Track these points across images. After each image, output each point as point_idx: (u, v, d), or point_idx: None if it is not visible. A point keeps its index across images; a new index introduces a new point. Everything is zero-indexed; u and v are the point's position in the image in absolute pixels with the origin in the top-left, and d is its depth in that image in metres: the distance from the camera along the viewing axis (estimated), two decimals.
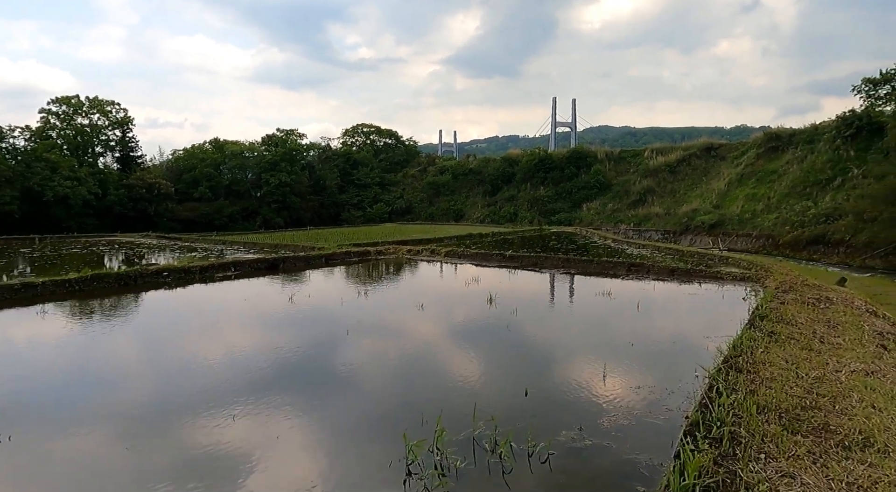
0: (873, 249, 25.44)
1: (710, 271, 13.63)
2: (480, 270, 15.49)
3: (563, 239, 29.96)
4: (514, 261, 16.62)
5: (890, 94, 34.07)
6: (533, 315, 9.78)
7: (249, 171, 51.99)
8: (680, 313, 10.08)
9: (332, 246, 20.45)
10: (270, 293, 12.46)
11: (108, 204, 38.76)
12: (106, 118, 43.06)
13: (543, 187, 51.30)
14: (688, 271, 13.84)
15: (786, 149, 38.93)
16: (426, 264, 17.22)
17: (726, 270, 13.69)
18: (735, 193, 38.94)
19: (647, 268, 14.46)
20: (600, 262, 15.65)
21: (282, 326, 9.03)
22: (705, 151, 46.24)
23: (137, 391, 5.93)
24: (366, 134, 65.72)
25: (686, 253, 20.27)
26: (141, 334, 8.72)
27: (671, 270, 14.05)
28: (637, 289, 12.22)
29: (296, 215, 51.42)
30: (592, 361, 6.72)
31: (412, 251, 19.39)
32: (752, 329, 6.75)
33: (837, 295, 9.38)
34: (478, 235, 30.73)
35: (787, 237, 31.08)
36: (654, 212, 42.77)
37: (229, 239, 27.55)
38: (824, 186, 33.10)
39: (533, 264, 15.98)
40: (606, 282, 13.33)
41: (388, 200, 56.43)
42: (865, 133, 33.21)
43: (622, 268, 14.78)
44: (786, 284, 10.57)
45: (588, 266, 15.43)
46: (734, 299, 10.71)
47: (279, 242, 24.21)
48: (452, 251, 18.64)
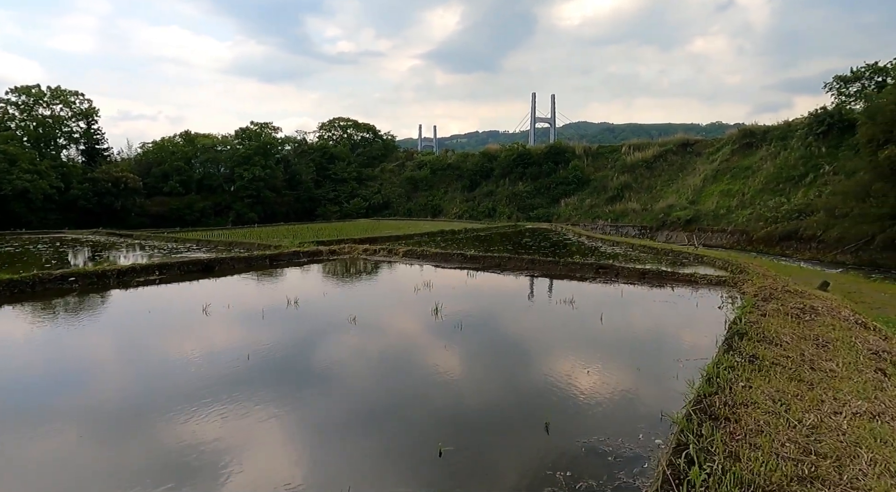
0: (844, 245, 25.78)
1: (683, 274, 12.76)
2: (438, 272, 14.46)
3: (537, 236, 29.55)
4: (476, 262, 15.56)
5: (860, 91, 34.69)
6: (479, 332, 8.30)
7: (222, 165, 50.62)
8: (648, 327, 8.81)
9: (292, 244, 19.27)
10: (185, 302, 10.74)
11: (71, 198, 37.24)
12: (69, 109, 41.37)
13: (522, 183, 51.14)
14: (659, 274, 12.98)
15: (760, 145, 39.37)
16: (380, 266, 15.99)
17: (701, 273, 12.89)
18: (710, 188, 39.27)
19: (617, 270, 13.57)
20: (567, 263, 14.52)
21: (164, 353, 7.17)
22: (681, 147, 46.58)
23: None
24: (343, 128, 64.70)
25: (660, 251, 19.88)
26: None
27: (642, 274, 13.18)
28: (604, 295, 11.48)
29: (270, 211, 50.32)
30: (535, 404, 5.37)
31: (368, 251, 18.27)
32: (731, 353, 5.76)
33: (822, 303, 8.43)
34: (450, 231, 30.14)
35: (761, 233, 31.40)
36: (631, 208, 42.92)
37: (184, 236, 26.05)
38: (797, 182, 33.54)
39: (496, 266, 14.93)
40: (572, 286, 12.39)
41: (366, 196, 55.63)
42: (837, 130, 33.73)
43: (590, 270, 13.89)
44: (765, 290, 9.64)
45: (554, 268, 14.48)
46: (709, 308, 9.85)
47: (238, 239, 23.04)
48: (412, 251, 17.48)
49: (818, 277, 13.57)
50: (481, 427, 4.96)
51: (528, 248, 23.29)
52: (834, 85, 36.08)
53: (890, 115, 24.07)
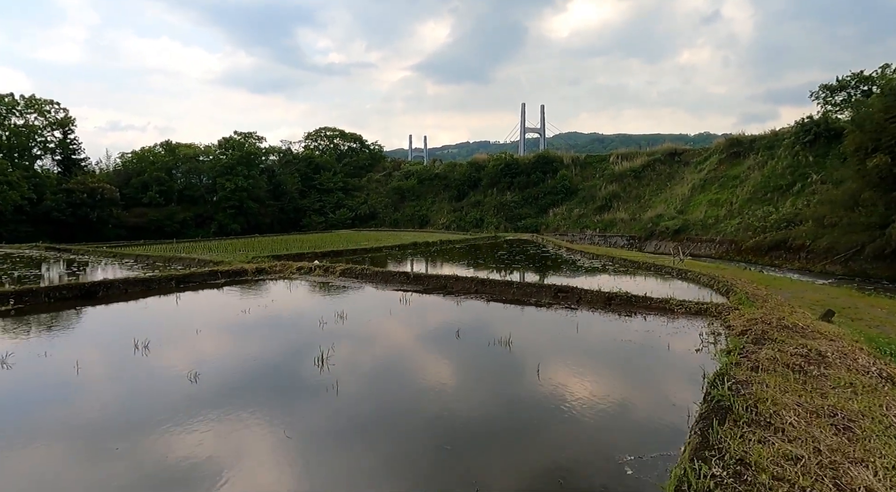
0: (833, 255, 25.31)
1: (657, 301, 10.64)
2: (372, 295, 12.72)
3: (514, 248, 28.62)
4: (419, 283, 13.67)
5: (846, 100, 34.55)
6: (367, 397, 6.07)
7: (204, 175, 49.65)
8: (597, 390, 6.19)
9: (242, 259, 17.97)
10: None
11: (44, 210, 36.09)
12: (44, 118, 40.33)
13: (510, 192, 50.63)
14: (629, 300, 10.91)
15: (747, 154, 39.11)
16: (307, 288, 13.89)
17: (679, 299, 10.57)
18: (698, 198, 38.89)
19: (579, 295, 11.51)
20: (522, 286, 12.50)
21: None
22: (669, 157, 46.31)
23: None
24: (329, 138, 64.01)
25: (642, 265, 18.56)
26: None
27: (608, 299, 11.10)
28: (555, 331, 9.37)
29: (254, 221, 49.39)
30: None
31: (303, 269, 16.20)
32: (708, 457, 3.52)
33: (831, 345, 6.42)
34: (423, 243, 29.15)
35: (750, 243, 30.95)
36: (619, 217, 42.46)
37: (123, 251, 23.88)
38: (784, 191, 33.20)
39: (440, 288, 13.07)
40: (520, 316, 10.47)
41: (352, 206, 54.83)
42: (823, 139, 33.49)
43: (548, 294, 11.86)
44: (756, 327, 7.54)
45: (506, 291, 12.41)
46: (685, 353, 7.57)
47: (185, 253, 21.60)
48: (351, 269, 15.43)
49: (811, 291, 12.90)
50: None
51: (502, 261, 22.58)
52: (820, 94, 35.99)
53: (878, 124, 23.74)
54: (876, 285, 21.54)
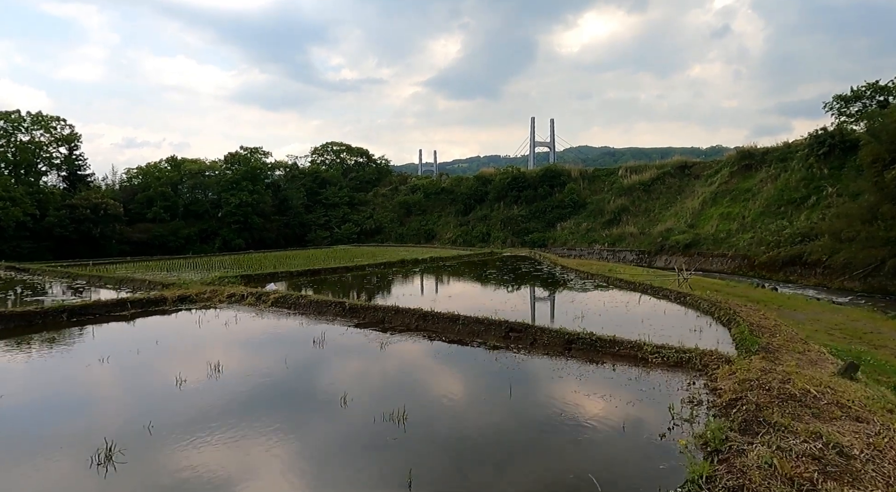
0: (851, 271, 24.15)
1: (627, 343, 8.57)
2: (285, 334, 10.92)
3: (507, 266, 27.54)
4: (355, 315, 12.05)
5: (861, 111, 33.50)
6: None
7: (210, 190, 49.67)
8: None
9: (200, 281, 17.01)
10: None
11: (46, 226, 36.04)
12: (50, 134, 40.60)
13: (517, 207, 49.91)
14: (592, 344, 8.83)
15: (759, 167, 38.07)
16: (213, 323, 11.85)
17: (656, 345, 8.35)
18: (709, 212, 37.83)
19: (534, 335, 9.50)
20: (469, 322, 10.38)
21: None
22: (679, 170, 45.34)
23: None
24: (336, 152, 64.01)
25: (638, 286, 16.79)
26: None
27: (568, 342, 9.05)
28: (481, 395, 7.12)
29: (258, 237, 49.16)
30: None
31: (234, 297, 14.38)
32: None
33: (857, 435, 4.42)
34: (412, 260, 28.08)
35: (763, 258, 29.83)
36: (628, 231, 41.47)
37: (79, 272, 22.49)
38: (799, 204, 32.09)
39: (377, 322, 11.47)
40: (445, 368, 8.58)
41: (357, 221, 54.43)
42: (838, 151, 32.41)
43: (498, 333, 9.89)
44: (750, 395, 5.48)
45: (451, 328, 10.47)
46: (645, 440, 5.46)
47: (153, 272, 20.79)
48: (285, 298, 13.72)
49: (829, 312, 11.90)
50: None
51: (489, 280, 21.77)
52: (834, 105, 34.98)
53: (895, 134, 22.74)
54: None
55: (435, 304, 14.33)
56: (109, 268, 25.20)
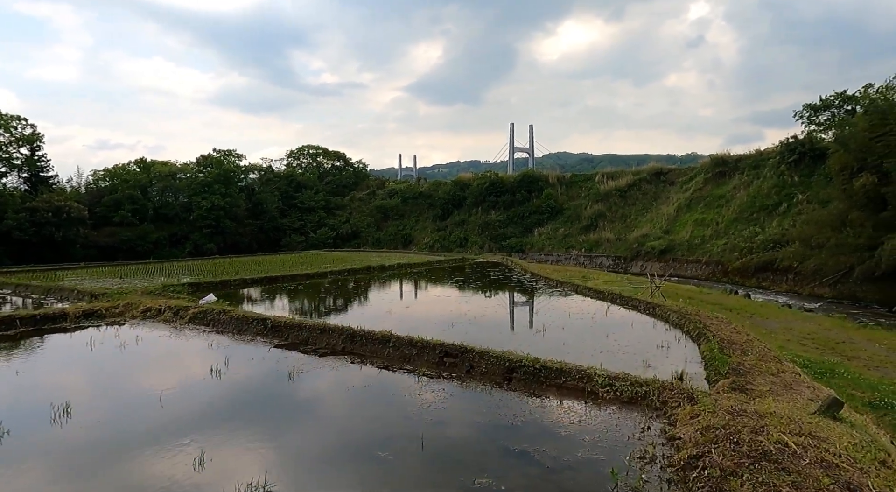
0: (821, 277, 24.44)
1: (575, 372, 7.45)
2: (205, 354, 9.76)
3: (476, 272, 27.01)
4: (278, 335, 10.93)
5: (830, 120, 34.19)
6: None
7: (181, 193, 48.31)
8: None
9: (152, 287, 16.10)
10: None
11: (4, 229, 34.45)
12: (10, 134, 38.94)
13: (495, 212, 49.75)
14: (535, 374, 7.71)
15: (732, 174, 38.59)
16: (122, 342, 10.59)
17: (605, 377, 7.23)
18: (684, 218, 38.16)
19: (472, 361, 8.40)
20: (400, 344, 9.33)
21: None
22: (655, 176, 45.74)
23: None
24: (312, 156, 63.07)
25: (607, 295, 16.14)
26: None
27: (508, 370, 7.95)
28: (391, 446, 5.68)
29: (231, 241, 47.94)
30: None
31: (152, 311, 13.05)
32: None
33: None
34: (378, 267, 27.40)
35: (737, 264, 30.10)
36: (605, 237, 41.61)
37: (10, 280, 20.94)
38: (771, 211, 32.54)
39: (301, 343, 10.41)
40: (362, 405, 7.10)
41: (334, 225, 53.59)
42: (808, 159, 33.01)
43: (431, 358, 8.84)
44: (714, 451, 4.57)
45: (380, 351, 9.40)
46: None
47: (91, 279, 19.78)
48: (204, 314, 12.44)
49: (801, 321, 11.78)
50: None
51: (454, 287, 21.19)
52: (804, 113, 35.67)
53: (863, 143, 23.12)
54: (866, 310, 20.65)
55: (389, 315, 13.76)
56: (59, 274, 23.98)
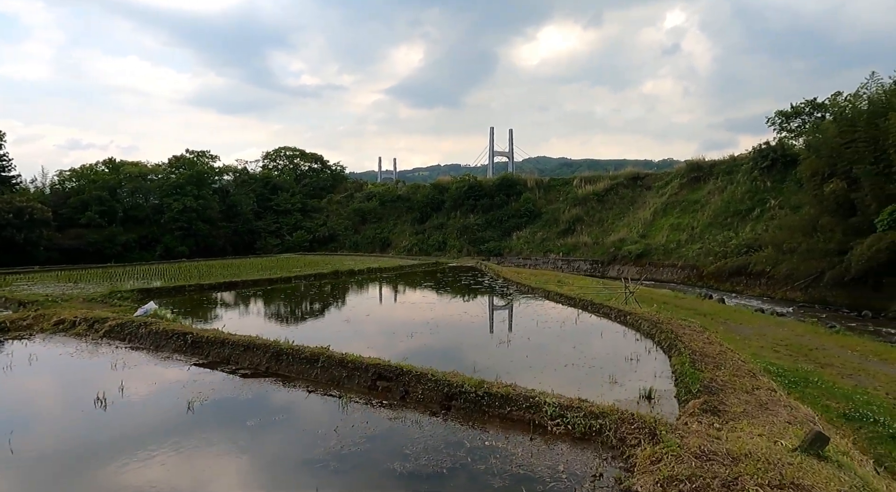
0: (793, 282, 24.74)
1: (524, 400, 6.44)
2: (103, 376, 8.57)
3: (447, 277, 26.49)
4: (199, 352, 9.77)
5: (801, 126, 34.85)
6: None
7: (152, 195, 47.00)
8: None
9: (96, 294, 15.43)
10: None
11: None
12: None
13: (473, 215, 49.58)
14: (477, 401, 6.71)
15: (707, 179, 39.08)
16: (8, 363, 9.39)
17: (556, 407, 6.22)
18: (660, 222, 38.47)
19: (406, 385, 7.37)
20: (331, 363, 8.23)
21: None
22: (632, 181, 46.11)
23: None
24: (289, 157, 62.09)
25: (578, 302, 15.55)
26: None
27: (447, 397, 6.94)
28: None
29: (204, 244, 46.77)
30: None
31: (65, 323, 11.78)
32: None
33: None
34: (347, 271, 26.52)
35: (711, 268, 30.39)
36: (582, 241, 41.73)
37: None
38: (744, 216, 32.99)
39: (223, 362, 9.32)
40: (257, 450, 6.00)
41: (310, 228, 52.77)
42: (780, 165, 33.59)
43: (364, 380, 7.80)
44: None
45: (308, 371, 8.36)
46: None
47: (41, 284, 18.86)
48: (122, 326, 11.27)
49: (774, 326, 11.73)
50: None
51: (420, 293, 20.59)
52: (776, 120, 36.29)
53: (833, 149, 23.48)
54: (836, 314, 20.92)
55: (346, 324, 13.17)
56: (9, 278, 22.94)
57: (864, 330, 15.87)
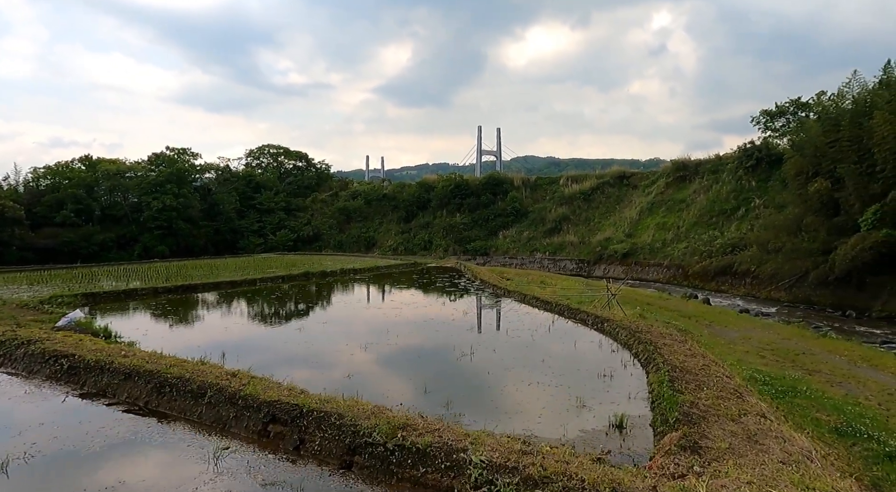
0: (778, 281, 24.66)
1: (446, 457, 4.88)
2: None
3: (424, 279, 25.71)
4: (74, 380, 8.17)
5: (785, 126, 34.91)
6: None
7: (131, 193, 45.88)
8: None
9: (42, 297, 14.38)
10: None
11: None
12: None
13: (459, 214, 49.12)
14: (384, 457, 5.22)
15: (693, 178, 39.02)
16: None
17: (479, 470, 4.57)
18: (646, 221, 38.35)
19: (302, 432, 5.88)
20: (220, 401, 6.66)
21: None
22: (618, 180, 45.95)
23: None
24: (273, 156, 61.12)
25: (555, 307, 14.63)
26: None
27: (350, 450, 5.45)
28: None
29: (185, 243, 45.80)
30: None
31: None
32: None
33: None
34: (319, 273, 25.34)
35: (696, 268, 30.28)
36: (569, 240, 41.48)
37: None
38: (729, 215, 32.95)
39: (100, 392, 7.75)
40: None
41: (294, 227, 51.95)
42: (765, 164, 33.60)
43: (253, 424, 6.26)
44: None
45: (192, 408, 6.84)
46: None
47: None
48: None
49: (759, 329, 11.42)
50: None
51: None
52: (761, 119, 36.32)
53: (817, 148, 23.40)
54: (821, 313, 20.82)
55: (298, 333, 12.00)
56: None
57: (849, 331, 15.71)
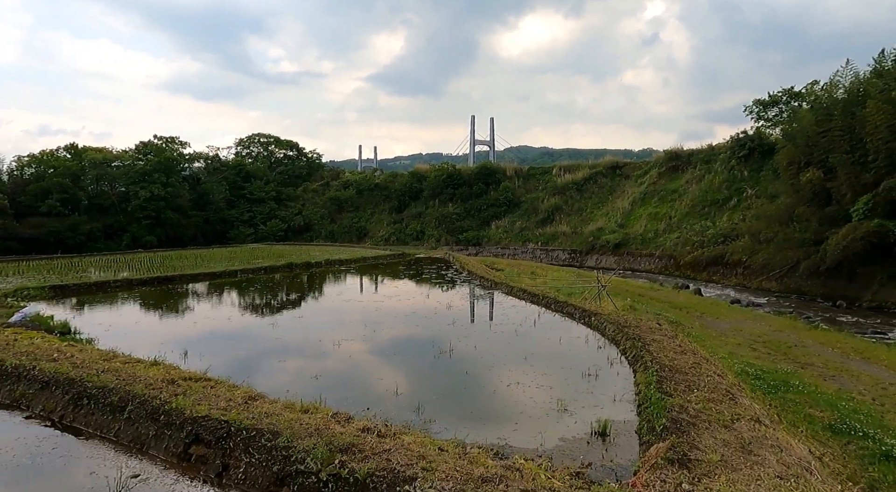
0: (769, 271, 24.66)
1: (391, 485, 3.96)
2: None
3: (410, 270, 25.32)
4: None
5: (778, 115, 34.82)
6: None
7: (118, 182, 45.20)
8: None
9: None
10: None
11: None
12: None
13: (452, 204, 48.85)
14: (316, 489, 4.26)
15: (685, 168, 38.94)
16: None
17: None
18: (638, 211, 38.28)
19: (227, 456, 5.00)
20: (141, 417, 5.80)
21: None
22: (611, 170, 45.80)
23: None
24: (263, 145, 60.40)
25: (541, 299, 14.24)
26: None
27: (278, 479, 4.54)
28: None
29: (174, 233, 45.28)
30: None
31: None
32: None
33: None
34: (304, 264, 24.82)
35: (688, 258, 30.26)
36: (561, 230, 41.37)
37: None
38: (721, 205, 32.92)
39: (14, 403, 6.94)
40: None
41: (285, 217, 51.49)
42: (757, 154, 33.53)
43: (174, 444, 5.40)
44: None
45: (111, 424, 6.00)
46: None
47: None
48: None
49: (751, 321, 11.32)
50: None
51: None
52: (753, 109, 36.21)
53: (810, 138, 23.30)
54: (812, 304, 20.84)
55: (272, 328, 11.59)
56: None
57: (840, 321, 15.69)
